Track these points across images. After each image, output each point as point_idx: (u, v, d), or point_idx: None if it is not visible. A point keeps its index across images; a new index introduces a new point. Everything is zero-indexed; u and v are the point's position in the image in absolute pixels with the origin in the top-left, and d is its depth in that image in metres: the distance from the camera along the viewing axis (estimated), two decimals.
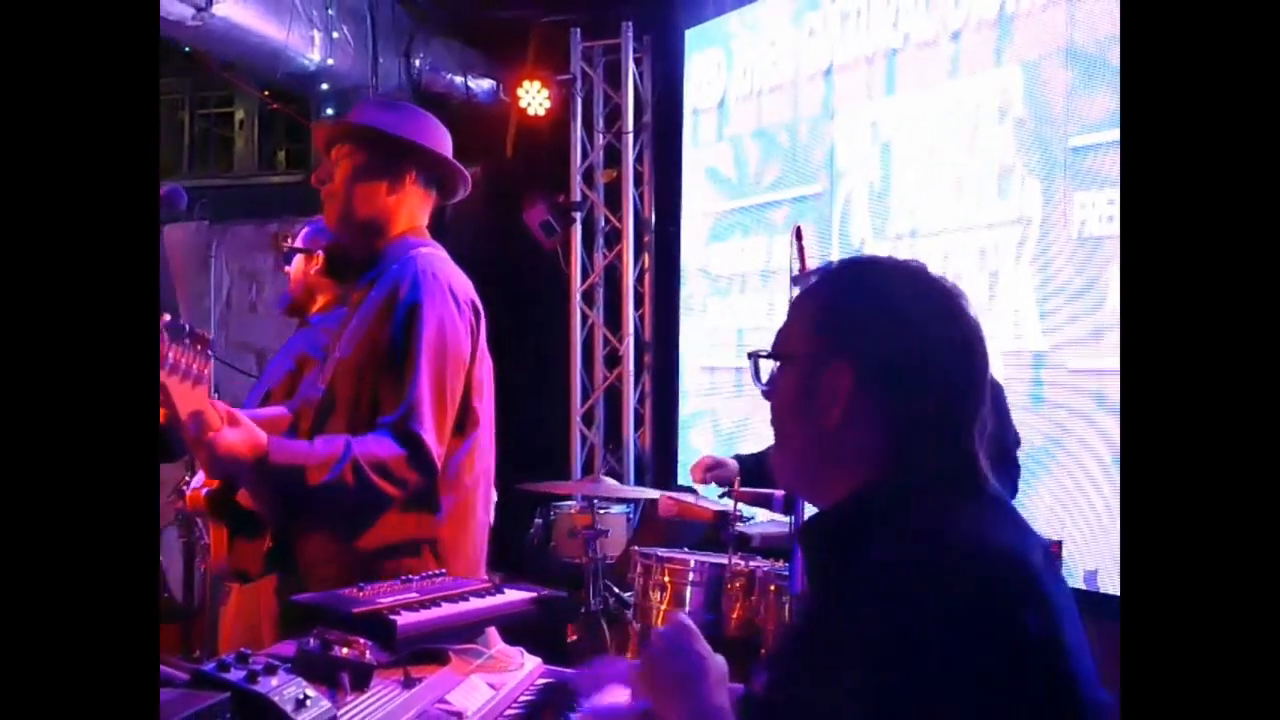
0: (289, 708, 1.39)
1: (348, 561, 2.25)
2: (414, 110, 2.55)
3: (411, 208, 2.47)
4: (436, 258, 2.41)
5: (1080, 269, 4.29)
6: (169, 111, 8.46)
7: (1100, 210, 4.21)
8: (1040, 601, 1.20)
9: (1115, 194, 4.14)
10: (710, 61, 6.50)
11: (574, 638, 4.51)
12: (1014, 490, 3.42)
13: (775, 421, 1.41)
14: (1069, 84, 4.39)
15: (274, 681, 1.42)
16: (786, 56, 5.90)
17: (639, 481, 6.67)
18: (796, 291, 1.46)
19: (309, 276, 3.49)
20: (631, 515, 6.13)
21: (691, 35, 6.66)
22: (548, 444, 6.66)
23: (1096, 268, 4.22)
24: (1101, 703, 1.22)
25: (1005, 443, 3.42)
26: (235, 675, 1.41)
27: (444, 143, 2.52)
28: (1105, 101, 4.22)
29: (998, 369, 4.40)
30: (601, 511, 4.82)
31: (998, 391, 3.48)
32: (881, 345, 1.31)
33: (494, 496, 4.78)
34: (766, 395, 1.42)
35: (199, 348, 1.97)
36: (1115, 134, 4.15)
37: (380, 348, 2.28)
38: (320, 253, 3.51)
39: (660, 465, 6.73)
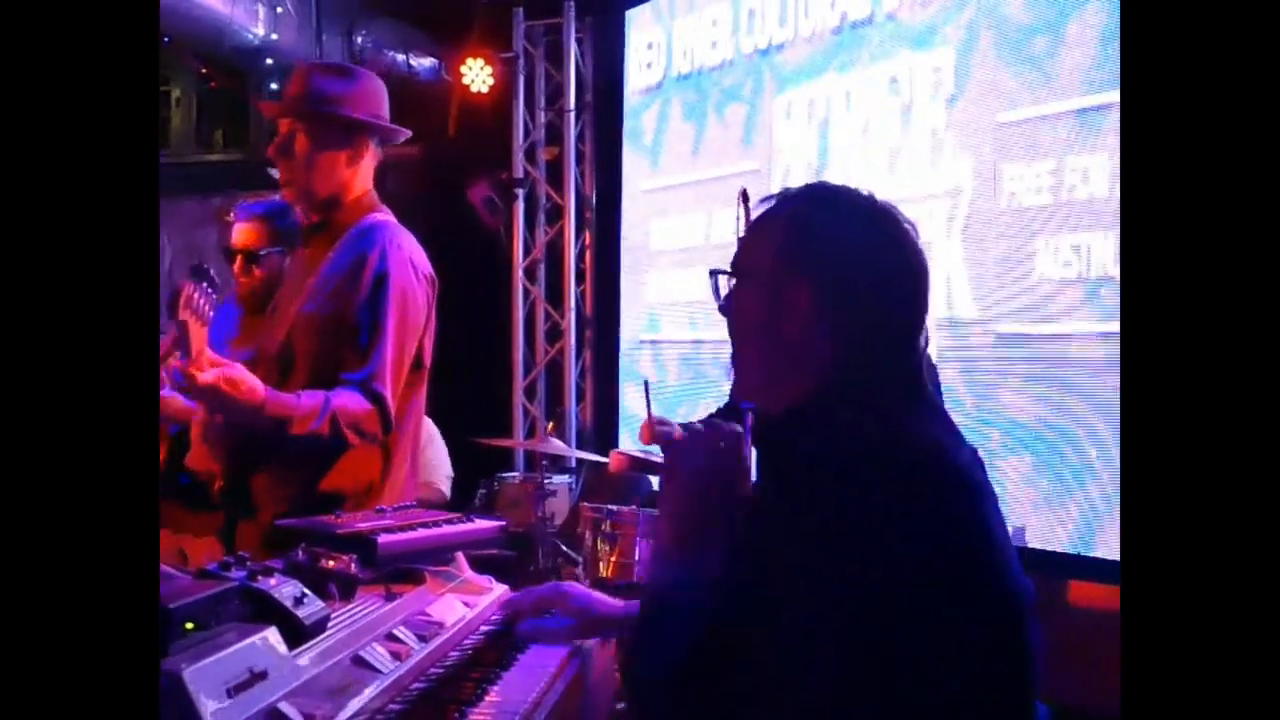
0: (289, 603, 1.50)
1: (298, 497, 2.40)
2: (359, 76, 2.66)
3: (366, 172, 2.61)
4: (395, 227, 2.59)
5: (1010, 239, 4.49)
6: None
7: (1029, 182, 4.40)
8: (964, 489, 1.34)
9: (1044, 167, 4.34)
10: (650, 41, 6.61)
11: None
12: None
13: (735, 334, 1.51)
14: (997, 62, 4.58)
15: (272, 581, 1.52)
16: (726, 36, 6.04)
17: None
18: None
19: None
20: (573, 485, 6.25)
21: (632, 15, 6.77)
22: (492, 418, 6.72)
23: (1024, 237, 4.41)
24: (1024, 589, 1.37)
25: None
26: (237, 574, 1.51)
27: (385, 101, 2.65)
28: (1031, 78, 4.42)
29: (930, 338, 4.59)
30: (545, 480, 4.92)
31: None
32: (839, 267, 1.43)
33: (450, 472, 4.87)
34: (724, 311, 1.53)
35: (210, 290, 2.08)
36: (1040, 109, 4.36)
37: (348, 310, 2.46)
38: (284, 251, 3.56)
39: (601, 438, 6.83)
